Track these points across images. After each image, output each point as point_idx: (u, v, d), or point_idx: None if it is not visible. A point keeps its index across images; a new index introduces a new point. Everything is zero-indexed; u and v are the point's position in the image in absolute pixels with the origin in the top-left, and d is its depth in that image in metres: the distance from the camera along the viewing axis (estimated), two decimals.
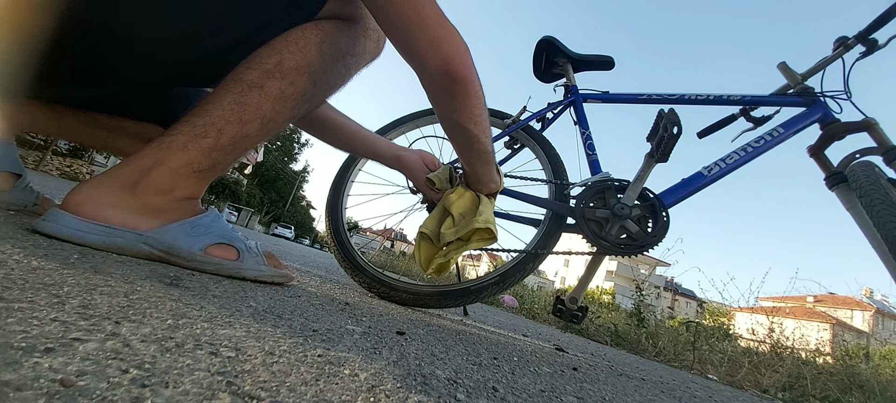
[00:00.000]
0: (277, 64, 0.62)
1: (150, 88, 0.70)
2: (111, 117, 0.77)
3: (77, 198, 0.55)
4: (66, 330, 0.26)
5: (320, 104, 0.78)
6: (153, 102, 0.77)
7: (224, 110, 0.60)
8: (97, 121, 0.75)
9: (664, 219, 0.95)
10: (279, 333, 0.41)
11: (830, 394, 1.80)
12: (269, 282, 0.70)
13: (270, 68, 0.62)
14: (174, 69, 0.64)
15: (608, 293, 26.34)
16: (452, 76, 0.65)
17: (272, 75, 0.62)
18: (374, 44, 0.75)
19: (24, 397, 0.18)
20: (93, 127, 0.76)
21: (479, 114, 0.73)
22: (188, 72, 0.66)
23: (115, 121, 0.78)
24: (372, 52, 0.76)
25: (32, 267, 0.37)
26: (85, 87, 0.65)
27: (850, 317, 30.63)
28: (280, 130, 0.70)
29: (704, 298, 4.26)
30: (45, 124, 0.73)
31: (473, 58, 0.67)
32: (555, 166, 1.12)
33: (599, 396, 0.62)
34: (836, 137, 1.09)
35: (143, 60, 0.61)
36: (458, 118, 0.72)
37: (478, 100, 0.71)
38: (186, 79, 0.70)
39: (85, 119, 0.74)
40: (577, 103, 1.22)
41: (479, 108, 0.72)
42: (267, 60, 0.62)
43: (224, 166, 0.65)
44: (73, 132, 0.77)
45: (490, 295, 1.04)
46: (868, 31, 1.07)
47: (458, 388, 0.41)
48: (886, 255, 0.91)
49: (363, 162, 1.29)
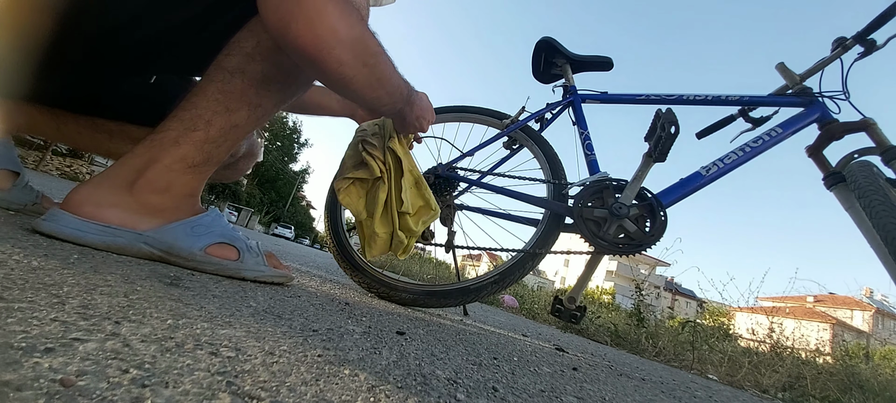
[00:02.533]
0: (256, 45, 0.60)
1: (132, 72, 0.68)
2: (113, 122, 0.77)
3: (77, 197, 0.55)
4: (66, 330, 0.26)
5: (312, 81, 0.72)
6: (155, 106, 0.77)
7: (210, 100, 0.59)
8: (99, 126, 0.75)
9: (662, 219, 0.95)
10: (279, 333, 0.41)
11: (830, 394, 1.80)
12: (269, 282, 0.70)
13: (249, 51, 0.60)
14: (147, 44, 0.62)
15: (608, 293, 26.34)
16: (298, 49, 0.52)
17: (253, 58, 0.60)
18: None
19: (24, 397, 0.18)
20: (94, 131, 0.75)
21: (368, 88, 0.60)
22: (164, 48, 0.64)
23: (118, 125, 0.77)
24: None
25: (32, 267, 0.37)
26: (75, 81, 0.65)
27: (850, 317, 30.64)
28: (272, 114, 0.68)
29: (704, 298, 4.27)
30: (44, 127, 0.73)
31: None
32: (553, 166, 1.12)
33: (599, 396, 0.62)
34: (835, 137, 1.09)
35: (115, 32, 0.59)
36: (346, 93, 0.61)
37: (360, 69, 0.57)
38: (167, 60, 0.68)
39: (86, 123, 0.74)
40: (576, 104, 1.22)
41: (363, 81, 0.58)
42: (245, 43, 0.60)
43: (218, 159, 0.64)
44: (73, 136, 0.76)
45: (489, 295, 1.04)
46: (866, 31, 1.08)
47: (458, 388, 0.41)
48: (885, 255, 0.91)
49: None
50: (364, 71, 0.58)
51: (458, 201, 1.13)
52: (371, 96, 0.64)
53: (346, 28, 0.53)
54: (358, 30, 0.55)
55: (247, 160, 1.02)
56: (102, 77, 0.66)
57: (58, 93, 0.68)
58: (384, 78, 0.64)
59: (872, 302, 27.54)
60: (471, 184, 1.11)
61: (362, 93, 0.62)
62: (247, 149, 0.99)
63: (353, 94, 0.62)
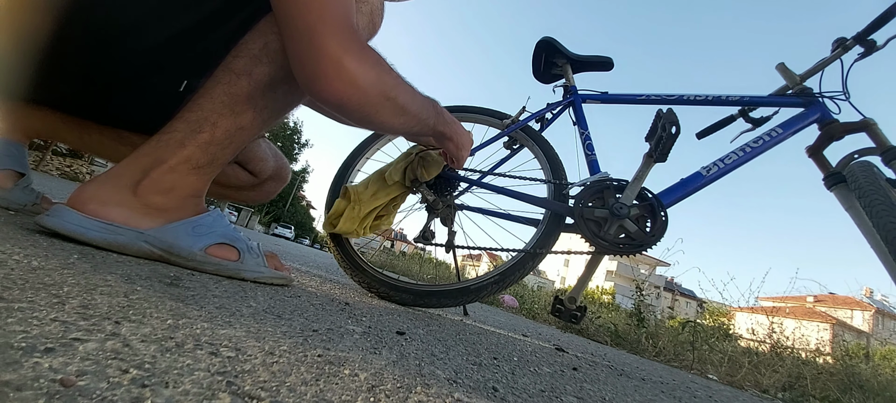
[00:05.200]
0: (263, 47, 0.60)
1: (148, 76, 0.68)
2: (137, 135, 0.76)
3: (82, 195, 0.56)
4: (66, 330, 0.26)
5: None
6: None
7: (215, 102, 0.59)
8: (123, 138, 0.74)
9: (662, 219, 0.95)
10: (279, 333, 0.41)
11: (830, 394, 1.80)
12: (269, 284, 0.70)
13: (256, 53, 0.60)
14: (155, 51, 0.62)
15: (608, 293, 26.35)
16: (325, 102, 0.58)
17: (259, 60, 0.60)
18: (367, 19, 0.71)
19: (24, 397, 0.18)
20: (119, 143, 0.74)
21: (393, 120, 0.65)
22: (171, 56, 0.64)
23: (142, 139, 0.77)
24: (365, 27, 0.71)
25: (32, 267, 0.37)
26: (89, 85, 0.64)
27: (850, 317, 30.64)
28: (280, 119, 0.68)
29: (704, 298, 4.26)
30: (67, 135, 0.73)
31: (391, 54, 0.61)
32: (554, 166, 1.12)
33: (599, 396, 0.62)
34: (835, 138, 1.09)
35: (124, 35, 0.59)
36: (375, 128, 0.67)
37: (382, 107, 0.62)
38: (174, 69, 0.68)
39: (111, 134, 0.73)
40: (576, 104, 1.22)
41: (389, 114, 0.63)
42: (253, 45, 0.61)
43: (223, 160, 0.64)
44: (96, 146, 0.75)
45: (489, 295, 1.04)
46: (866, 31, 1.08)
47: (458, 388, 0.41)
48: (885, 255, 0.91)
49: (363, 162, 1.29)
50: (387, 105, 0.62)
51: (458, 201, 1.13)
52: (398, 124, 0.68)
53: (363, 75, 0.57)
54: (374, 74, 0.59)
55: (274, 182, 1.00)
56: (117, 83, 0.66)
57: (75, 99, 0.67)
58: (407, 105, 0.67)
59: (872, 302, 27.52)
60: (471, 183, 1.10)
61: (390, 123, 0.67)
62: (274, 170, 0.98)
63: (381, 126, 0.67)
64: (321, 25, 0.53)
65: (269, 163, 0.96)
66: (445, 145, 0.88)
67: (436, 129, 0.80)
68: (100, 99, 0.66)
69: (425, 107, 0.74)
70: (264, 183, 0.97)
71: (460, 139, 0.88)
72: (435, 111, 0.78)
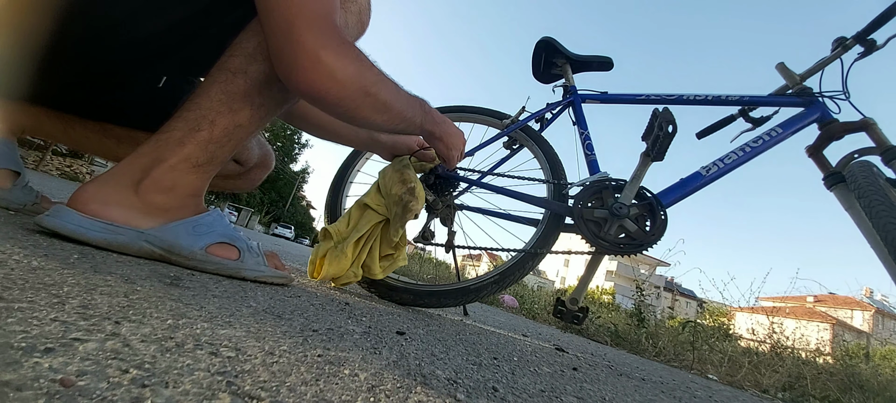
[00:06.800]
0: (258, 45, 0.61)
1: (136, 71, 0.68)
2: (122, 128, 0.76)
3: (84, 195, 0.56)
4: (66, 330, 0.26)
5: None
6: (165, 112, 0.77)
7: (213, 101, 0.60)
8: (107, 131, 0.75)
9: (662, 219, 0.95)
10: (279, 333, 0.41)
11: (830, 394, 1.80)
12: (269, 283, 0.70)
13: (251, 51, 0.61)
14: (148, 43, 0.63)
15: (608, 293, 26.35)
16: (302, 94, 0.59)
17: (254, 58, 0.61)
18: (355, 18, 0.71)
19: (24, 397, 0.18)
20: (103, 136, 0.75)
21: (375, 116, 0.65)
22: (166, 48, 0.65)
23: (126, 132, 0.77)
24: (354, 26, 0.72)
25: (32, 267, 0.37)
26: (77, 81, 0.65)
27: (850, 317, 30.63)
28: (276, 114, 0.69)
29: (705, 298, 4.27)
30: (51, 129, 0.73)
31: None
32: (553, 166, 1.12)
33: (599, 396, 0.62)
34: (835, 137, 1.09)
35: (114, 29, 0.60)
36: (359, 124, 0.66)
37: (362, 102, 0.62)
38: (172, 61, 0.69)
39: (94, 128, 0.74)
40: (576, 104, 1.22)
41: (370, 110, 0.63)
42: (247, 44, 0.61)
43: (222, 159, 0.64)
44: (81, 140, 0.76)
45: (489, 295, 1.04)
46: (866, 31, 1.07)
47: (458, 388, 0.41)
48: (885, 255, 0.91)
49: (363, 162, 1.29)
50: (367, 100, 0.62)
51: (458, 201, 1.13)
52: (381, 120, 0.67)
53: (341, 69, 0.57)
54: (353, 68, 0.59)
55: (260, 170, 1.02)
56: (105, 78, 0.66)
57: (61, 94, 0.68)
58: (390, 101, 0.66)
59: (872, 302, 27.50)
60: (471, 183, 1.10)
61: (372, 119, 0.66)
62: (259, 158, 0.99)
63: (364, 122, 0.66)
64: (299, 20, 0.54)
65: (255, 151, 0.97)
66: (435, 144, 0.87)
67: (424, 128, 0.80)
68: (86, 93, 0.67)
69: (411, 105, 0.73)
70: (250, 171, 0.98)
71: (451, 139, 0.88)
72: (422, 110, 0.78)
